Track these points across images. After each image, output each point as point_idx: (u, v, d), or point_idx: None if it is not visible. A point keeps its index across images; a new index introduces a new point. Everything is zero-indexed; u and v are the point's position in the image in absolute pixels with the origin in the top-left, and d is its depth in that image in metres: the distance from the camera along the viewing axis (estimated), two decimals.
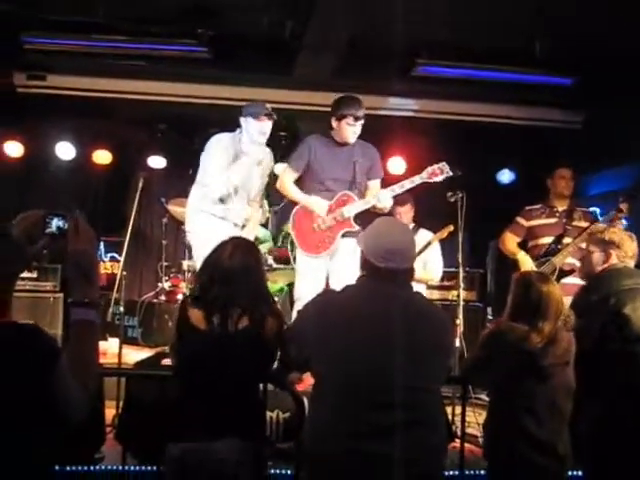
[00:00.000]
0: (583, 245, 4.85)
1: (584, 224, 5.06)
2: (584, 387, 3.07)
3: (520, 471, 2.98)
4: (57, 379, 1.76)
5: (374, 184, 4.74)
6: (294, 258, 5.03)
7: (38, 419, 1.75)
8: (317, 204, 4.66)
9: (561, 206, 5.26)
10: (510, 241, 5.35)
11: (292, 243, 5.08)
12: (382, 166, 4.89)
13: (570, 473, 3.28)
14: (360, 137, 4.75)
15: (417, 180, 4.64)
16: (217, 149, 4.69)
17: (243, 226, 4.92)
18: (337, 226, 4.63)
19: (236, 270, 2.77)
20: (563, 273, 4.93)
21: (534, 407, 2.97)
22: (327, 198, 4.67)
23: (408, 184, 4.63)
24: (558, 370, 3.02)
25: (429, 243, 5.61)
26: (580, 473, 3.36)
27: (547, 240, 5.15)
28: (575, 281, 4.74)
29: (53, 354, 1.77)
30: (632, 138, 6.05)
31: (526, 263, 5.13)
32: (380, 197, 4.54)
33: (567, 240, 5.04)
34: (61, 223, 1.99)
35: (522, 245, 5.37)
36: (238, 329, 2.71)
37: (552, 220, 5.22)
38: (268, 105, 4.68)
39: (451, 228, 5.44)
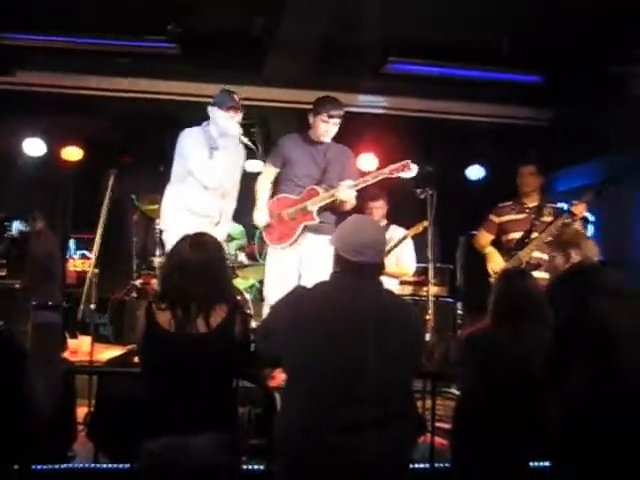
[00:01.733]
0: (549, 239, 5.00)
1: (552, 219, 5.15)
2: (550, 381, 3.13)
3: (487, 462, 3.04)
4: (23, 379, 1.76)
5: (343, 182, 4.74)
6: (261, 254, 5.11)
7: (4, 418, 1.76)
8: (257, 213, 4.84)
9: (531, 202, 5.35)
10: (483, 238, 5.47)
11: (261, 239, 5.13)
12: (355, 167, 4.93)
13: (534, 464, 3.34)
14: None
15: (379, 175, 4.70)
16: (193, 141, 4.69)
17: (217, 224, 4.93)
18: (300, 218, 4.72)
19: (196, 266, 2.78)
20: (530, 267, 5.00)
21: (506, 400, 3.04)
22: (297, 193, 4.74)
23: (371, 179, 4.69)
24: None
25: (404, 238, 5.67)
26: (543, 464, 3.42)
27: (516, 235, 5.25)
28: (543, 276, 4.84)
29: (20, 356, 1.78)
30: (599, 134, 6.14)
31: (494, 257, 5.25)
32: (340, 189, 4.58)
33: (534, 235, 5.14)
34: (22, 226, 1.99)
35: (496, 242, 5.45)
36: (204, 329, 2.72)
37: (521, 216, 5.31)
38: (236, 97, 4.70)
39: (425, 224, 5.50)
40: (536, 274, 4.83)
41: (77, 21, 5.59)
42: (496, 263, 5.21)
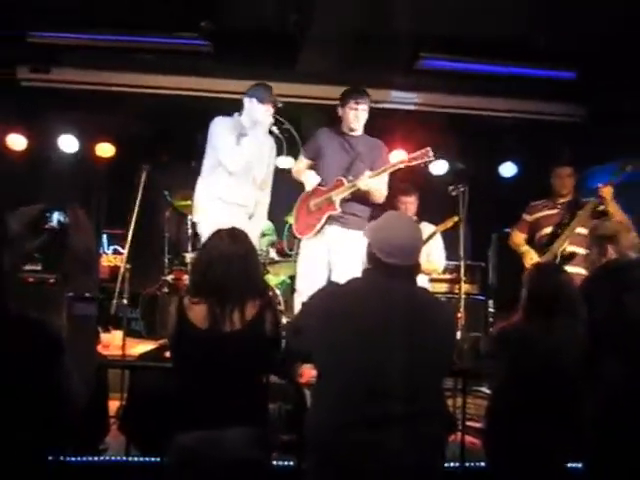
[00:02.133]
0: (579, 231, 4.96)
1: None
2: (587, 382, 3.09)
3: (522, 462, 3.01)
4: (60, 370, 1.78)
5: (383, 178, 4.74)
6: (291, 249, 5.13)
7: (41, 408, 1.77)
8: (307, 179, 4.82)
9: (563, 199, 5.35)
10: (517, 237, 5.47)
11: (290, 233, 5.15)
12: (387, 160, 4.89)
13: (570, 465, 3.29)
14: (364, 131, 4.83)
15: (398, 164, 4.66)
16: (222, 129, 4.74)
17: (251, 216, 4.95)
18: (324, 208, 4.72)
19: (233, 259, 2.79)
20: (564, 259, 5.00)
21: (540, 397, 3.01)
22: (327, 185, 4.76)
23: (390, 167, 4.66)
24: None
25: (434, 233, 5.64)
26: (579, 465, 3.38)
27: (549, 230, 5.24)
28: (577, 270, 4.80)
29: (57, 347, 1.79)
30: (633, 131, 6.05)
31: (530, 254, 5.23)
32: (361, 179, 4.56)
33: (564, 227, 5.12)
34: (61, 217, 2.01)
35: (530, 240, 5.43)
36: (236, 326, 2.72)
37: (553, 211, 5.30)
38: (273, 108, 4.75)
39: (456, 219, 5.48)
40: (570, 268, 4.82)
41: (111, 18, 5.64)
42: (531, 258, 5.18)
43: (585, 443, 3.11)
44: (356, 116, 4.72)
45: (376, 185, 4.64)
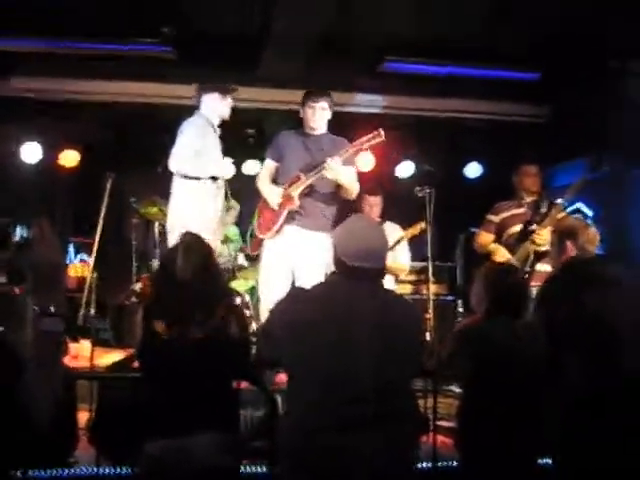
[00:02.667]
0: (549, 229, 4.99)
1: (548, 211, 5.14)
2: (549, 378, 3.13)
3: (493, 460, 3.04)
4: (22, 387, 1.75)
5: (349, 171, 4.71)
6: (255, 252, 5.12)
7: (5, 423, 1.75)
8: (269, 195, 4.75)
9: (529, 198, 5.32)
10: (484, 238, 5.39)
11: (252, 236, 5.13)
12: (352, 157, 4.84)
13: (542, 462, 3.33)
14: (329, 132, 4.84)
15: (353, 148, 4.63)
16: (198, 132, 4.70)
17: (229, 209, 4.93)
18: (283, 204, 4.69)
19: (190, 273, 2.78)
20: (538, 256, 4.99)
21: (508, 395, 3.04)
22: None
23: (351, 149, 4.62)
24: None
25: (399, 240, 5.65)
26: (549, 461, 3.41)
27: (516, 229, 5.20)
28: (548, 268, 4.81)
29: (18, 364, 1.76)
30: (596, 130, 6.14)
31: (499, 251, 5.17)
32: (327, 165, 4.51)
33: (534, 226, 5.08)
34: (25, 232, 1.99)
35: (498, 241, 5.36)
36: (200, 333, 2.72)
37: (520, 210, 5.27)
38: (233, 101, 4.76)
39: (423, 225, 5.47)
40: (539, 266, 4.94)
41: (71, 25, 5.58)
42: (502, 254, 5.12)
43: (552, 440, 3.15)
44: (314, 114, 4.71)
45: (345, 174, 4.59)
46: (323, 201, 4.71)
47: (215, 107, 4.75)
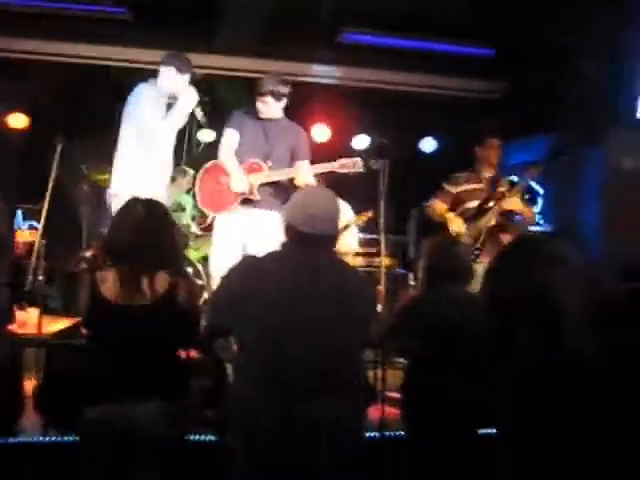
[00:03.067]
0: (505, 207, 5.04)
1: (507, 189, 5.18)
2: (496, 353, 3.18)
3: (439, 429, 3.10)
4: None
5: (301, 165, 4.71)
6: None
7: None
8: (235, 176, 4.66)
9: (488, 173, 5.33)
10: (439, 207, 5.37)
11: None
12: (306, 146, 4.82)
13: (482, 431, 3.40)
14: (287, 106, 4.78)
15: (328, 167, 4.67)
16: (148, 98, 4.59)
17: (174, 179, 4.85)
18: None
19: (147, 226, 2.75)
20: (489, 234, 5.04)
21: (451, 368, 3.09)
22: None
23: (319, 169, 4.66)
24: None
25: (347, 226, 5.68)
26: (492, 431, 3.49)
27: (473, 204, 5.22)
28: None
29: None
30: (550, 109, 6.22)
31: (455, 221, 5.17)
32: (299, 174, 4.56)
33: (491, 204, 5.12)
34: None
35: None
36: (148, 299, 2.70)
37: (478, 185, 5.28)
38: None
39: (370, 214, 5.49)
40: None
41: None
42: (458, 225, 5.13)
43: (498, 411, 3.21)
44: (260, 108, 4.68)
45: (310, 179, 4.61)
46: (277, 187, 4.71)
47: (168, 81, 4.64)
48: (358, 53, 6.70)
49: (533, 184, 7.01)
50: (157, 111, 4.59)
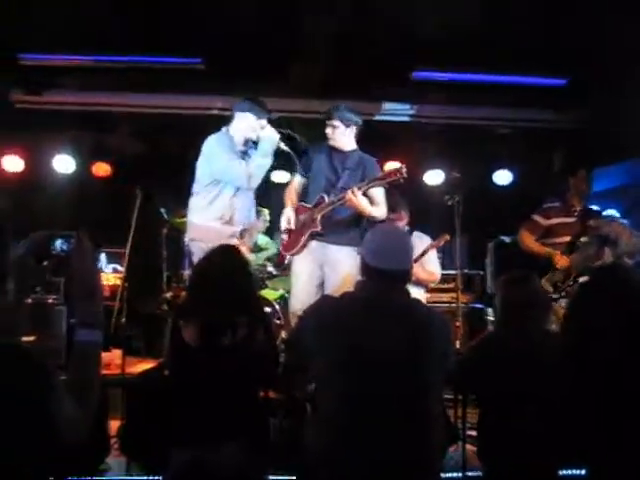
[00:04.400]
0: None
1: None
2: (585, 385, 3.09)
3: (516, 468, 3.02)
4: (51, 400, 1.76)
5: (375, 193, 4.69)
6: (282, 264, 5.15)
7: (33, 440, 1.76)
8: (284, 215, 4.80)
9: (578, 206, 5.18)
10: (529, 239, 5.20)
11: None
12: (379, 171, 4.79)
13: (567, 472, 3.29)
14: (358, 143, 4.82)
15: (375, 183, 4.59)
16: (219, 147, 4.64)
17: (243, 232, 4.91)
18: (306, 226, 4.70)
19: (219, 278, 2.81)
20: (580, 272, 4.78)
21: (526, 406, 3.02)
22: (314, 202, 4.74)
23: (365, 185, 4.56)
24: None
25: (425, 251, 5.59)
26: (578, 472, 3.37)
27: (566, 239, 5.03)
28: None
29: (44, 376, 1.78)
30: (626, 136, 6.09)
31: (556, 254, 4.96)
32: (347, 197, 4.49)
33: (584, 239, 4.89)
34: (65, 245, 2.01)
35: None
36: (229, 343, 2.74)
37: (570, 219, 5.12)
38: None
39: (447, 237, 5.43)
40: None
41: (103, 39, 5.67)
42: (564, 259, 4.92)
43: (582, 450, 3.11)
44: (328, 133, 4.74)
45: (363, 204, 4.54)
46: (345, 220, 4.69)
47: (246, 127, 4.71)
48: (429, 89, 6.72)
49: (615, 214, 6.83)
50: (234, 159, 4.66)
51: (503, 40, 5.64)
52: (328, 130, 4.74)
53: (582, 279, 4.62)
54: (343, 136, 4.74)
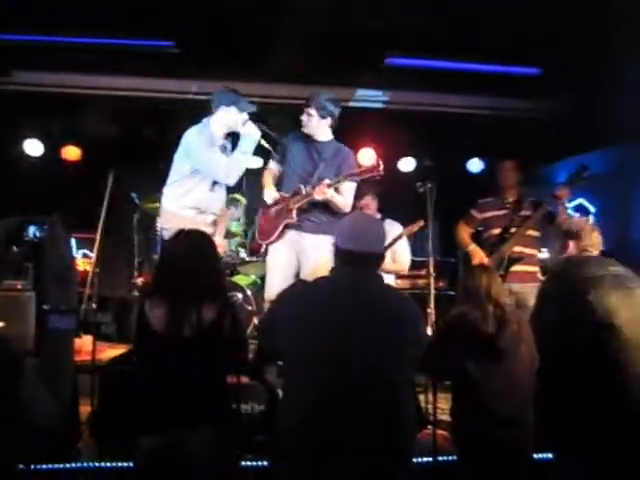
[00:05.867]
0: (529, 233, 5.16)
1: (530, 213, 5.21)
2: (553, 375, 3.14)
3: (489, 450, 3.07)
4: (22, 387, 1.74)
5: (346, 187, 4.70)
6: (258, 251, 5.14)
7: (4, 426, 1.74)
8: (266, 194, 4.82)
9: (511, 197, 5.40)
10: (463, 232, 5.53)
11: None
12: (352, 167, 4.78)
13: (538, 456, 3.35)
14: (335, 134, 4.82)
15: (351, 176, 4.63)
16: (200, 140, 4.59)
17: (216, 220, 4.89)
18: (282, 216, 4.71)
19: (186, 262, 2.80)
20: (512, 261, 5.12)
21: (495, 386, 3.07)
22: (290, 191, 4.75)
23: (342, 179, 4.60)
24: (513, 349, 3.14)
25: (399, 237, 5.62)
26: (547, 456, 3.43)
27: (496, 231, 5.31)
28: (524, 268, 5.12)
29: (15, 363, 1.75)
30: (598, 125, 6.15)
31: (477, 254, 5.31)
32: (316, 189, 4.52)
33: (513, 230, 5.21)
34: (37, 231, 1.98)
35: (476, 236, 5.54)
36: (194, 329, 2.74)
37: (501, 212, 5.37)
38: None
39: (421, 223, 5.47)
40: (519, 267, 5.10)
41: (74, 20, 5.58)
42: (481, 259, 5.26)
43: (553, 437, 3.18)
44: (305, 120, 4.73)
45: (333, 195, 4.58)
46: (318, 209, 4.70)
47: (227, 120, 4.66)
48: (403, 76, 6.72)
49: (584, 202, 6.92)
50: (215, 153, 4.60)
51: (478, 27, 5.65)
52: (303, 117, 4.72)
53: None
54: (317, 127, 4.73)
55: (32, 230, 1.91)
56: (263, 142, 4.69)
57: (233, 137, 4.77)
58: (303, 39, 5.91)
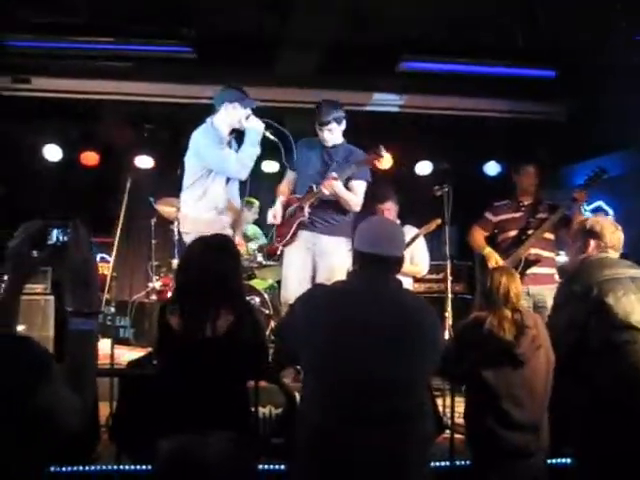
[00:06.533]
0: (545, 235, 5.12)
1: (547, 216, 5.18)
2: (571, 377, 3.13)
3: (504, 455, 3.06)
4: (49, 390, 1.76)
5: (355, 185, 4.74)
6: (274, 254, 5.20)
7: (31, 429, 1.75)
8: (271, 211, 4.91)
9: (527, 200, 5.37)
10: (478, 235, 5.48)
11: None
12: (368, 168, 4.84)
13: (554, 461, 3.33)
14: (346, 133, 4.83)
15: (357, 165, 4.67)
16: (209, 139, 4.62)
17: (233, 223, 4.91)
18: (296, 216, 4.77)
19: (209, 270, 2.81)
20: (528, 263, 5.09)
21: (513, 392, 3.06)
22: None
23: (349, 170, 4.65)
24: (531, 355, 3.12)
25: (417, 236, 5.62)
26: (564, 461, 3.42)
27: (512, 233, 5.28)
28: (541, 270, 5.10)
29: (43, 365, 1.77)
30: (614, 128, 6.12)
31: (494, 257, 5.26)
32: (324, 183, 4.57)
33: (530, 232, 5.18)
34: (61, 235, 1.99)
35: (490, 239, 5.49)
36: (216, 333, 2.74)
37: (517, 214, 5.34)
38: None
39: (439, 221, 5.48)
40: (535, 269, 5.06)
41: (92, 26, 5.63)
42: (497, 261, 5.22)
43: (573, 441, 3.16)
44: (323, 136, 4.75)
45: (342, 190, 4.62)
46: (332, 209, 4.75)
47: (232, 116, 4.69)
48: (419, 80, 6.72)
49: (603, 205, 6.87)
50: (225, 149, 4.64)
51: (493, 31, 5.64)
52: (325, 135, 4.73)
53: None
54: (337, 134, 4.78)
55: (55, 234, 1.94)
56: (268, 134, 4.70)
57: (237, 134, 4.80)
58: (320, 44, 5.94)
